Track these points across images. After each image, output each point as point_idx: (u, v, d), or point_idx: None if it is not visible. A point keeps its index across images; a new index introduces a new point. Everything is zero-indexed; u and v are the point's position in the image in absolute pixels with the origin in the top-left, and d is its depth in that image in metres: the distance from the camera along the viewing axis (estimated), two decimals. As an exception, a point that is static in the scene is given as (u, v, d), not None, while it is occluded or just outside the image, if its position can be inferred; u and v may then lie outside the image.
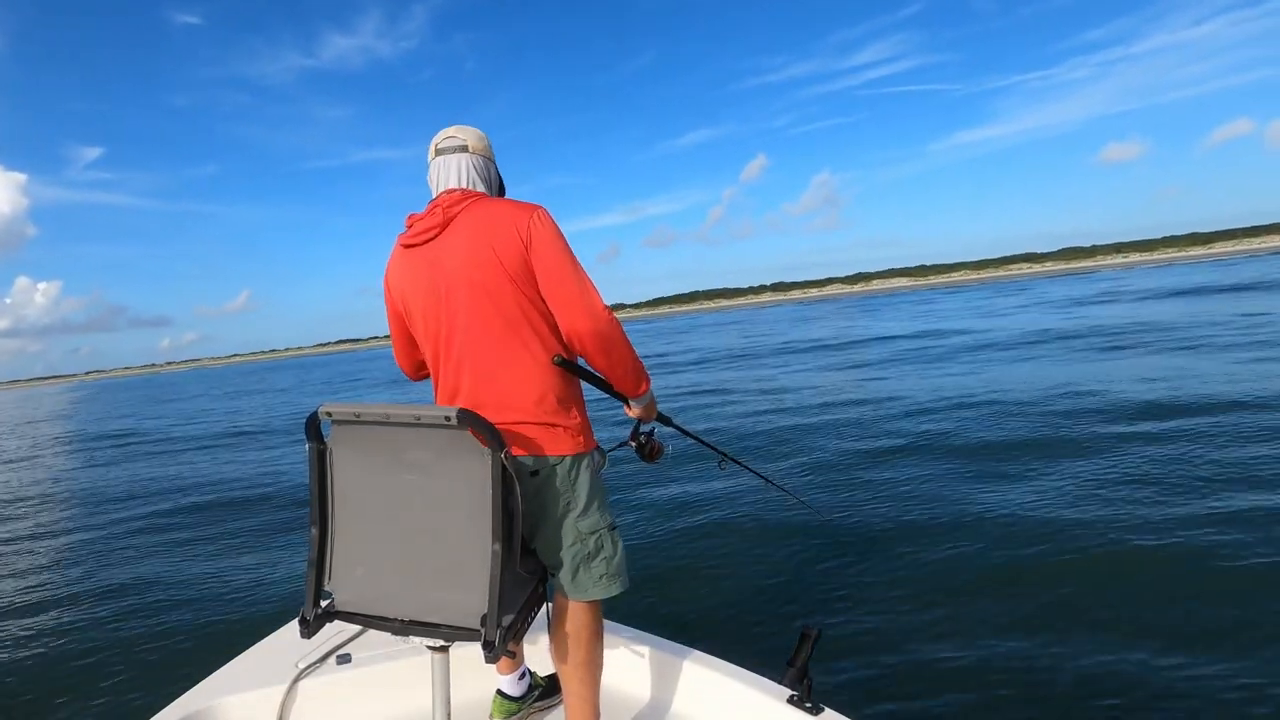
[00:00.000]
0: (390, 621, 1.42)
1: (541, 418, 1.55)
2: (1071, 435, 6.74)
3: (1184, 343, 12.66)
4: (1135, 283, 41.97)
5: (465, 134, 1.68)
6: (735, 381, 14.83)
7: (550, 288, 1.53)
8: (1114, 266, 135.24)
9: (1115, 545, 4.09)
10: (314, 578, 1.44)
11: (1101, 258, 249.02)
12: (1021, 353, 14.07)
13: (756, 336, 31.76)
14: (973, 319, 25.60)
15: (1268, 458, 5.35)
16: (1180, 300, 23.89)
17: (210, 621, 4.17)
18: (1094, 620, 3.32)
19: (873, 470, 6.35)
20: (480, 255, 1.52)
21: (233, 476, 9.34)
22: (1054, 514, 4.69)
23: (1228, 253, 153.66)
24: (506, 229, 1.52)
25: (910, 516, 5.01)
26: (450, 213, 1.56)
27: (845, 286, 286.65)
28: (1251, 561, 3.69)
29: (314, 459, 1.42)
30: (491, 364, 1.55)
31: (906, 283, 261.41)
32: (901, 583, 3.92)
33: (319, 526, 1.44)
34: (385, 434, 1.39)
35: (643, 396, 1.75)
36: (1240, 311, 17.27)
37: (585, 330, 1.54)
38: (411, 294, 1.62)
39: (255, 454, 11.43)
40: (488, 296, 1.52)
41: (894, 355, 16.57)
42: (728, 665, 1.95)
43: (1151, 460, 5.64)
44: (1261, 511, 4.28)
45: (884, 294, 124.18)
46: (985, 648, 3.16)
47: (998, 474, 5.81)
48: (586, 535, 1.63)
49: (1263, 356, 10.15)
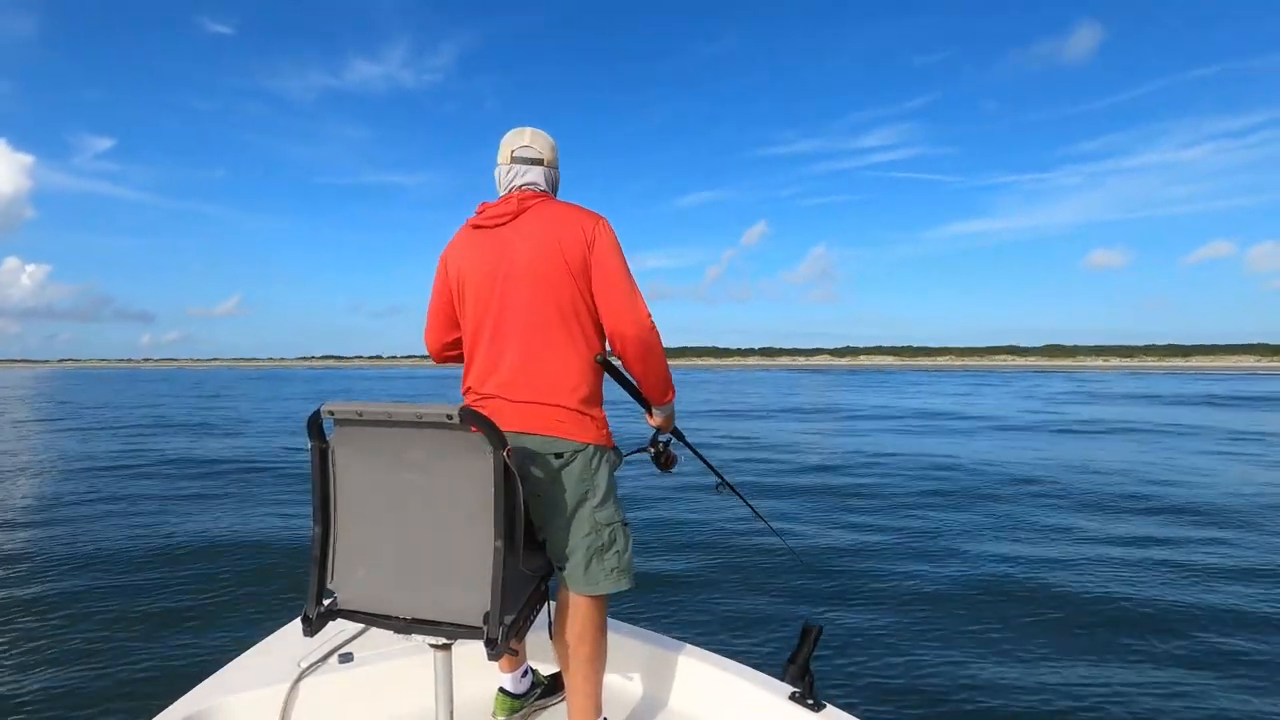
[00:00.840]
0: (393, 620, 1.42)
1: (575, 404, 1.62)
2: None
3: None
4: (1120, 385, 40.50)
5: (540, 145, 1.76)
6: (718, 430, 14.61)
7: (604, 290, 1.63)
8: (1095, 368, 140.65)
9: (1100, 571, 4.10)
10: (316, 576, 1.44)
11: (1082, 358, 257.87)
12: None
13: (734, 395, 30.67)
14: (974, 401, 24.12)
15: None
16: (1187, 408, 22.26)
17: (210, 621, 4.17)
18: (1082, 632, 3.34)
19: (881, 501, 6.35)
20: (547, 248, 1.61)
21: (228, 457, 9.34)
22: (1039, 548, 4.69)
23: (1205, 367, 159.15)
24: (574, 229, 1.63)
25: (910, 537, 5.02)
26: (525, 204, 1.67)
27: (832, 359, 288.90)
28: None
29: (316, 458, 1.42)
30: (537, 349, 1.62)
31: (892, 360, 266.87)
32: (902, 583, 3.93)
33: (321, 525, 1.44)
34: (387, 433, 1.39)
35: (666, 406, 1.81)
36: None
37: (630, 334, 1.63)
38: (471, 272, 1.68)
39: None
40: (547, 286, 1.61)
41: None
42: (730, 662, 1.95)
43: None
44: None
45: (871, 369, 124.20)
46: (985, 648, 3.17)
47: (995, 514, 5.82)
48: (603, 526, 1.65)
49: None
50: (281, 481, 8.56)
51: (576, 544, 1.64)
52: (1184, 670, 2.98)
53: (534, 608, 1.57)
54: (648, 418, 1.85)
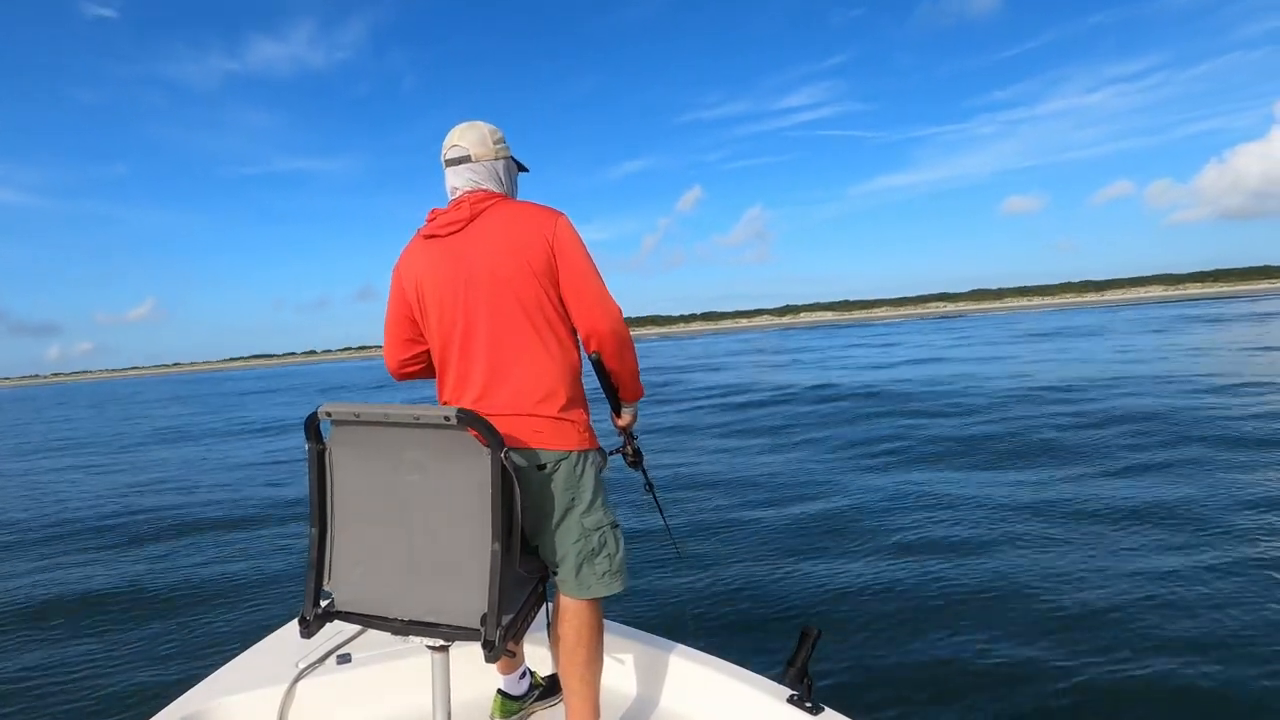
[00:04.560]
0: (390, 621, 1.42)
1: (552, 412, 1.58)
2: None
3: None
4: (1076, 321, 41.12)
5: (468, 140, 1.68)
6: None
7: (574, 288, 1.59)
8: (1025, 308, 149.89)
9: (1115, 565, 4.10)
10: (313, 578, 1.44)
11: (1009, 299, 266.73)
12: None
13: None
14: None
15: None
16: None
17: (210, 621, 4.17)
18: (1089, 628, 3.33)
19: (889, 476, 6.33)
20: (507, 252, 1.56)
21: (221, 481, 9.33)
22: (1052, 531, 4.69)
23: (1119, 300, 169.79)
24: (533, 229, 1.58)
25: (914, 529, 5.02)
26: (477, 208, 1.60)
27: (774, 318, 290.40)
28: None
29: (313, 459, 1.42)
30: (509, 356, 1.57)
31: (831, 316, 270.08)
32: (902, 585, 3.93)
33: (318, 527, 1.44)
34: (384, 434, 1.38)
35: (634, 403, 1.81)
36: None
37: (606, 330, 1.61)
38: (430, 284, 1.62)
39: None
40: (511, 291, 1.56)
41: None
42: (728, 665, 1.95)
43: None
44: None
45: (809, 325, 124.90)
46: (984, 649, 3.16)
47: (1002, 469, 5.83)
48: (591, 531, 1.63)
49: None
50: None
51: (566, 550, 1.63)
52: (1198, 657, 2.95)
53: (532, 609, 1.57)
54: (615, 419, 1.84)
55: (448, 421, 1.29)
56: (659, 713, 1.98)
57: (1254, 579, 3.69)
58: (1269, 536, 4.30)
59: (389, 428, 1.37)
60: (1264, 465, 6.04)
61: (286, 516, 6.76)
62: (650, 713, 1.99)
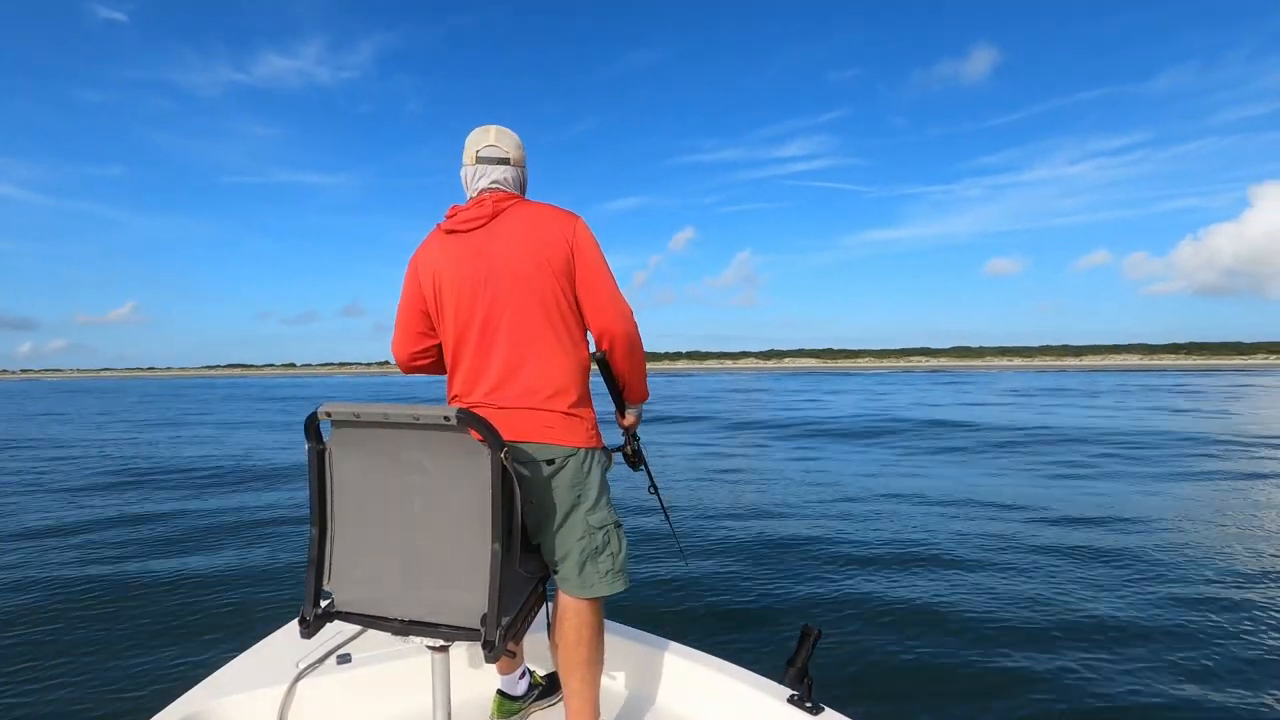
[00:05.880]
0: (390, 621, 1.42)
1: (564, 408, 1.60)
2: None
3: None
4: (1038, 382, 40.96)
5: (506, 143, 1.71)
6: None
7: (591, 288, 1.62)
8: (1003, 368, 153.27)
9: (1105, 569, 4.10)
10: (314, 578, 1.44)
11: (990, 359, 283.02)
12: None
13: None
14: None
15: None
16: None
17: (209, 622, 4.17)
18: (1092, 639, 3.34)
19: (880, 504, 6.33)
20: (527, 250, 1.59)
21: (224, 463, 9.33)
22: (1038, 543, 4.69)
23: (1097, 365, 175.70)
24: (554, 230, 1.61)
25: (910, 541, 5.01)
26: (500, 207, 1.63)
27: (759, 361, 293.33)
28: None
29: (313, 459, 1.42)
30: (524, 354, 1.59)
31: (814, 363, 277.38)
32: (902, 587, 3.93)
33: (318, 527, 1.43)
34: (384, 434, 1.38)
35: (639, 405, 1.82)
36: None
37: (619, 331, 1.64)
38: (449, 277, 1.64)
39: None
40: (530, 288, 1.58)
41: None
42: (728, 665, 1.95)
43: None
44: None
45: (795, 371, 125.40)
46: (984, 650, 3.16)
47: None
48: (595, 529, 1.64)
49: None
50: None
51: (570, 548, 1.63)
52: (1191, 678, 2.98)
53: (532, 610, 1.57)
54: (619, 419, 1.85)
55: (448, 422, 1.29)
56: (659, 713, 1.98)
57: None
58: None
59: (389, 428, 1.37)
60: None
61: (287, 517, 6.76)
62: (650, 713, 1.99)
